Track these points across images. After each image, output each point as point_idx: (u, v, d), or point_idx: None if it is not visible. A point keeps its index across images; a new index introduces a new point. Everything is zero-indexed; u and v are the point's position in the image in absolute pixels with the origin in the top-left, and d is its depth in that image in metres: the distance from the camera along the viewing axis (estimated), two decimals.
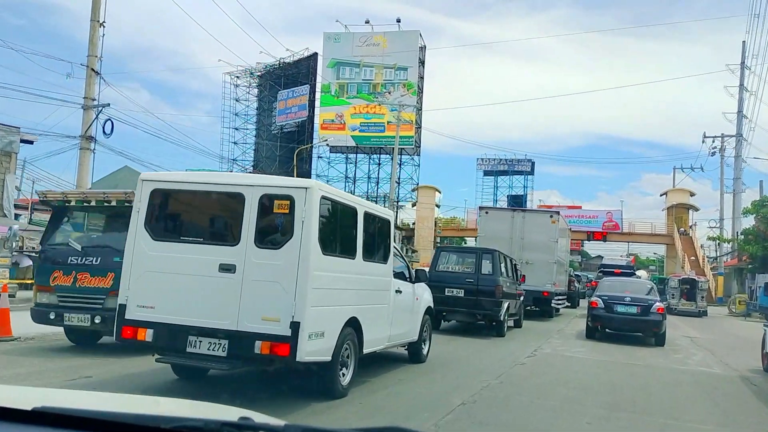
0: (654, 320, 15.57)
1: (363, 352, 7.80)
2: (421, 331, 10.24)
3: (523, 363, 10.58)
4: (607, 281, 19.18)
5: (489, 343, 13.73)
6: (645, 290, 17.15)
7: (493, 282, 15.34)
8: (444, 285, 15.36)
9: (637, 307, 15.61)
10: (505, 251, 19.17)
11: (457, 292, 15.41)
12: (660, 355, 13.41)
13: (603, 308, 15.95)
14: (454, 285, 15.48)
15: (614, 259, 51.00)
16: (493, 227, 22.07)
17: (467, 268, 16.33)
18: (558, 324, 21.07)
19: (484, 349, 12.41)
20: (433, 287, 15.29)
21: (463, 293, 15.35)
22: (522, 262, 20.99)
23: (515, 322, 18.10)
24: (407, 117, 51.81)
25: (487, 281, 15.33)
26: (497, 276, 15.52)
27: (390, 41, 58.12)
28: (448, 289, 15.45)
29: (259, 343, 6.31)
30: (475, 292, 15.26)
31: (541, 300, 21.80)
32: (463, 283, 15.47)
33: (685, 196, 60.96)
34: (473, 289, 15.31)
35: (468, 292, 15.29)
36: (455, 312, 15.68)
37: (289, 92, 60.09)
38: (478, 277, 15.49)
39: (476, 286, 15.36)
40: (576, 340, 15.61)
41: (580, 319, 22.73)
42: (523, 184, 73.79)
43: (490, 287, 15.24)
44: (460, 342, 13.67)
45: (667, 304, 26.48)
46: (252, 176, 7.85)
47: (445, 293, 15.30)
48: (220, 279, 6.57)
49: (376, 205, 8.61)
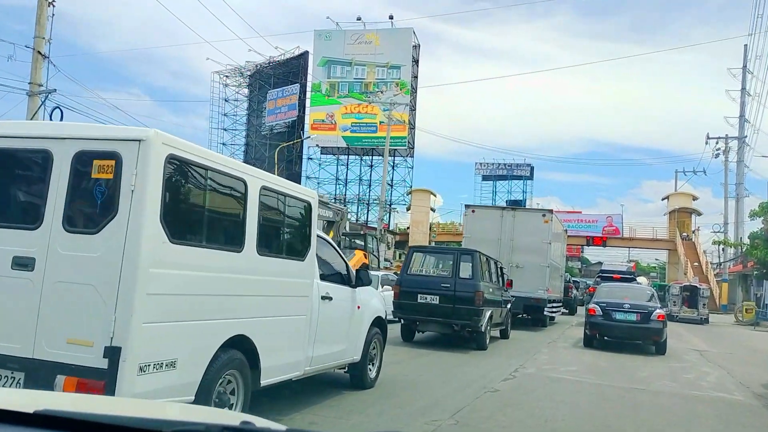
0: (654, 328, 14.58)
1: (261, 385, 5.55)
2: (366, 348, 7.98)
3: (496, 390, 8.24)
4: (605, 287, 18.03)
5: (464, 360, 11.45)
6: (645, 297, 16.13)
7: (472, 287, 13.15)
8: (416, 290, 13.35)
9: (637, 315, 14.72)
10: (493, 254, 17.64)
11: (432, 299, 13.25)
12: (667, 376, 11.11)
13: (601, 315, 14.99)
14: (428, 290, 13.33)
15: (614, 265, 49.00)
16: (480, 227, 20.07)
17: (443, 271, 14.19)
18: (551, 334, 18.84)
19: (454, 368, 10.10)
20: (404, 293, 13.49)
21: (439, 300, 13.19)
22: (512, 266, 19.19)
23: (501, 333, 16.12)
24: (400, 117, 49.57)
25: (465, 286, 13.16)
26: (477, 280, 13.30)
27: (382, 39, 55.98)
28: (421, 295, 13.34)
29: (61, 379, 4.06)
30: (451, 298, 13.10)
31: (533, 307, 19.70)
32: (439, 289, 13.29)
33: (687, 200, 58.56)
34: (450, 295, 13.14)
35: (444, 299, 13.14)
36: (429, 321, 13.49)
37: (279, 92, 57.97)
38: (455, 282, 13.28)
39: (453, 292, 13.17)
40: (568, 355, 13.32)
41: (576, 329, 20.53)
42: (522, 189, 72.87)
43: (469, 293, 13.07)
44: (430, 358, 11.37)
45: (669, 312, 25.45)
46: (64, 125, 5.12)
47: (418, 300, 13.26)
48: (13, 280, 4.34)
49: (288, 181, 6.26)
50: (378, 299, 8.70)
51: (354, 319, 7.74)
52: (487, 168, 73.31)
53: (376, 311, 8.40)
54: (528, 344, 15.34)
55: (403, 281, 13.72)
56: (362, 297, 8.00)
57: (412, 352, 12.02)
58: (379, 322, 8.46)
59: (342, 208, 24.04)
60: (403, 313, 13.54)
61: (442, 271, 14.16)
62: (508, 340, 16.05)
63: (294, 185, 6.35)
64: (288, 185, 6.17)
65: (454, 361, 11.10)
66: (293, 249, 6.30)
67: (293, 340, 6.22)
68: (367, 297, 8.19)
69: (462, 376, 9.29)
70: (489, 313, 13.61)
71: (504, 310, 15.77)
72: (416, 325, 13.79)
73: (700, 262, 52.73)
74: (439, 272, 14.18)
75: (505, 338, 16.15)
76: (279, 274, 5.89)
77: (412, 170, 58.48)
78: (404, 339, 13.81)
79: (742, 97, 46.89)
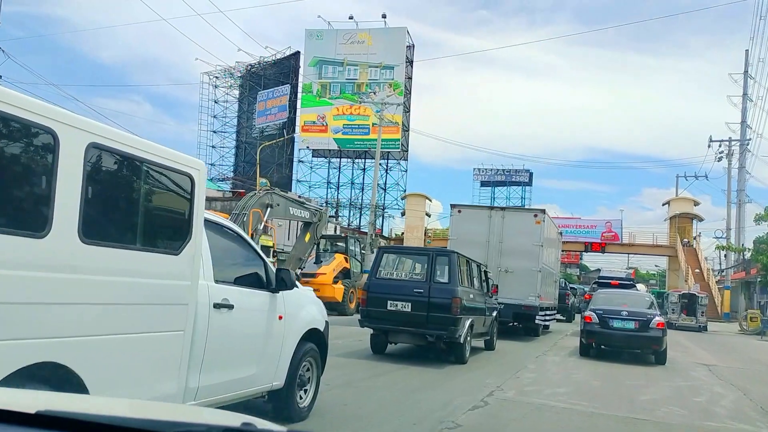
0: (654, 336, 13.82)
1: None
2: (293, 371, 6.18)
3: (456, 425, 6.35)
4: (602, 293, 16.93)
5: (433, 378, 9.62)
6: (644, 303, 15.27)
7: (449, 293, 11.40)
8: (386, 296, 11.60)
9: (635, 322, 13.96)
10: (480, 257, 16.59)
11: (403, 306, 11.49)
12: (674, 399, 9.27)
13: (598, 323, 14.21)
14: (399, 296, 11.55)
15: (614, 272, 47.35)
16: (466, 229, 18.44)
17: (417, 274, 12.39)
18: (542, 345, 17.12)
19: (416, 392, 8.26)
20: (372, 299, 11.66)
21: (411, 307, 11.43)
22: (500, 270, 17.73)
23: (486, 344, 14.47)
24: (393, 118, 47.91)
25: (441, 292, 11.43)
26: (455, 285, 11.54)
27: (375, 39, 54.36)
28: (391, 301, 11.57)
29: None
30: (425, 305, 11.36)
31: (523, 316, 18.02)
32: (411, 295, 11.52)
33: (688, 206, 56.93)
34: (423, 301, 11.39)
35: (416, 306, 11.40)
36: (400, 332, 11.70)
37: (269, 92, 56.30)
38: (429, 287, 11.53)
39: (427, 298, 11.41)
40: (557, 372, 11.46)
41: (570, 339, 18.74)
42: (521, 195, 72.19)
43: (445, 299, 11.31)
44: (391, 377, 9.53)
45: (668, 319, 24.23)
46: None
47: (387, 307, 11.52)
48: None
49: (157, 145, 4.41)
50: (315, 307, 6.88)
51: (273, 334, 5.95)
52: (485, 174, 72.25)
53: (310, 322, 6.59)
54: (514, 357, 13.57)
55: (371, 286, 11.97)
56: (289, 305, 6.20)
57: (373, 369, 10.22)
58: (316, 336, 6.68)
59: (320, 208, 22.30)
60: (370, 323, 11.79)
61: (415, 275, 12.37)
62: (494, 351, 14.33)
63: (165, 150, 4.53)
64: (151, 149, 4.36)
65: (419, 380, 9.26)
66: (159, 238, 4.50)
67: (158, 367, 4.42)
68: (295, 305, 6.38)
69: (421, 402, 7.43)
70: (469, 321, 11.87)
71: (488, 319, 14.04)
72: (385, 336, 12.01)
73: (701, 268, 51.49)
74: (411, 276, 12.38)
75: (490, 350, 14.44)
76: (129, 272, 4.08)
77: (406, 174, 56.91)
78: (374, 351, 12.08)
79: (744, 103, 46.23)
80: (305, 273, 21.19)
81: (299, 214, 19.80)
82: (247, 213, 16.72)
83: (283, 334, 6.10)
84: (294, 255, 20.71)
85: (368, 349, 12.20)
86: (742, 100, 46.00)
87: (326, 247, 24.98)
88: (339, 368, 9.80)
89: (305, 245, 20.46)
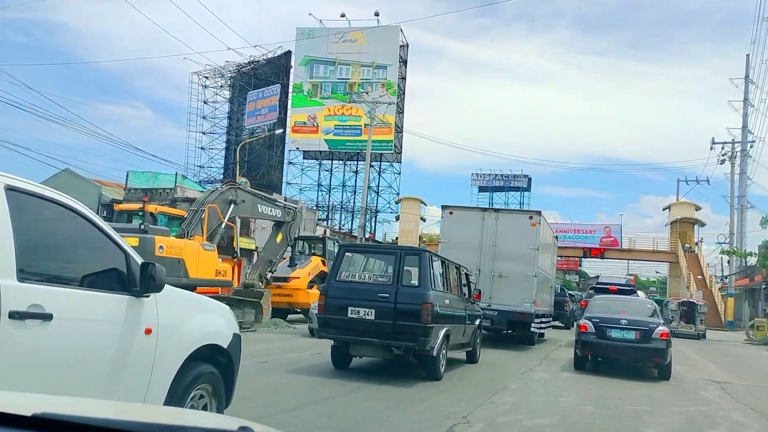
0: (656, 348, 12.28)
1: None
2: (177, 403, 4.47)
3: None
4: (599, 300, 15.15)
5: (393, 402, 7.87)
6: (646, 311, 13.64)
7: (418, 297, 9.73)
8: (346, 302, 9.92)
9: (636, 332, 12.47)
10: (473, 262, 16.17)
11: (366, 314, 9.81)
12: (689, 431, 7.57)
13: (594, 333, 12.70)
14: (361, 302, 9.87)
15: (613, 278, 45.84)
16: (458, 231, 17.41)
17: (382, 277, 10.68)
18: (535, 355, 15.53)
19: (359, 424, 6.56)
20: (331, 306, 9.94)
21: (375, 315, 9.76)
22: (494, 275, 16.77)
23: (468, 356, 12.84)
24: (385, 119, 46.30)
25: (409, 296, 9.76)
26: (426, 289, 9.85)
27: (368, 38, 52.85)
28: (353, 308, 9.87)
29: None
30: (391, 312, 9.68)
31: (518, 323, 16.93)
32: (375, 300, 9.82)
33: (690, 210, 55.21)
34: (389, 308, 9.71)
35: (381, 314, 9.73)
36: (362, 343, 10.04)
37: (259, 93, 54.69)
38: (396, 291, 9.82)
39: (393, 304, 9.72)
40: (543, 394, 9.60)
41: (565, 350, 17.10)
42: (520, 201, 71.18)
43: (415, 305, 9.64)
44: (331, 405, 7.72)
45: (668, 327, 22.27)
46: None
47: (348, 314, 9.84)
48: None
49: None
50: (213, 316, 5.15)
51: (135, 354, 4.22)
52: (483, 179, 71.28)
53: (203, 337, 4.84)
54: (497, 372, 11.89)
55: (329, 290, 10.26)
56: (165, 313, 4.48)
57: (325, 389, 8.53)
58: (212, 355, 4.96)
59: (294, 206, 20.63)
60: (329, 332, 10.14)
61: (380, 278, 10.65)
62: (476, 365, 12.66)
63: None
64: None
65: (367, 408, 7.45)
66: None
67: None
68: (178, 313, 4.66)
69: None
70: (444, 331, 10.18)
71: (469, 328, 12.38)
72: (346, 348, 10.35)
73: (703, 275, 49.90)
74: (377, 278, 10.66)
75: (473, 362, 12.78)
76: None
77: (400, 176, 55.23)
78: (336, 366, 10.49)
79: (745, 108, 45.37)
80: (277, 277, 19.65)
81: (269, 213, 18.40)
82: (204, 209, 15.16)
83: (154, 354, 4.36)
84: (264, 257, 19.19)
85: (327, 364, 10.59)
86: (743, 105, 45.12)
87: (302, 249, 23.29)
88: (278, 390, 8.15)
89: (276, 246, 19.06)
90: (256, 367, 9.82)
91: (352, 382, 9.25)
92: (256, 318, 16.63)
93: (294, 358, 11.71)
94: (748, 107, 44.83)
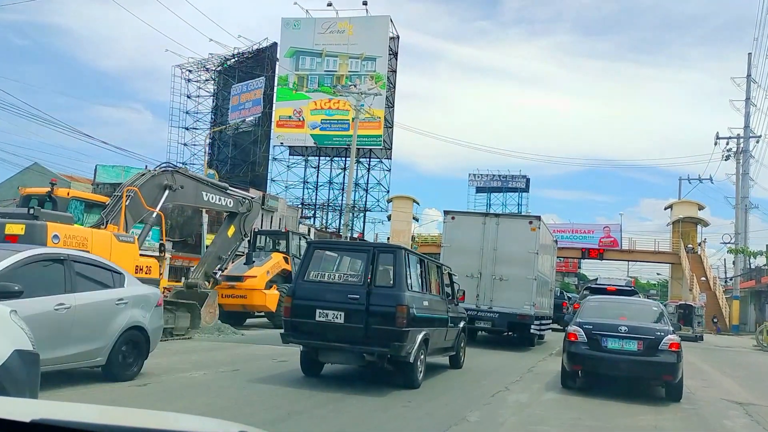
0: (665, 363, 10.09)
1: None
2: None
3: None
4: (593, 302, 12.87)
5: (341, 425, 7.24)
6: (650, 315, 11.56)
7: (393, 299, 9.15)
8: (314, 304, 9.37)
9: (639, 342, 10.23)
10: (474, 265, 17.61)
11: (335, 316, 9.25)
12: None
13: (586, 343, 10.47)
14: (330, 304, 9.32)
15: (613, 280, 45.28)
16: (460, 236, 18.45)
17: (353, 277, 10.08)
18: (531, 359, 15.14)
19: None
20: (298, 307, 9.37)
21: (344, 318, 9.20)
22: (495, 278, 17.77)
23: (452, 361, 12.38)
24: (374, 113, 45.73)
25: (383, 298, 9.21)
26: (401, 290, 9.26)
27: (357, 28, 52.32)
28: (321, 310, 9.32)
29: None
30: (363, 315, 9.13)
31: (518, 325, 17.77)
32: (345, 302, 9.27)
33: (692, 209, 54.69)
34: (360, 310, 9.16)
35: (352, 316, 9.18)
36: (331, 349, 9.48)
37: (243, 86, 54.04)
38: (368, 292, 9.25)
39: (365, 306, 9.15)
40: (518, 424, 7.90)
41: (556, 358, 16.21)
42: (518, 202, 71.55)
43: (388, 307, 9.08)
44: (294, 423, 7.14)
45: None
46: None
47: (316, 317, 9.30)
48: None
49: None
50: None
51: None
52: (480, 179, 71.18)
53: None
54: (488, 379, 11.31)
55: (297, 291, 9.68)
56: None
57: (288, 403, 7.87)
58: None
59: (250, 196, 19.11)
60: (296, 337, 9.56)
61: (351, 277, 10.06)
62: (459, 371, 12.13)
63: None
64: None
65: None
66: None
67: None
68: None
69: None
70: (422, 335, 9.61)
71: (453, 331, 11.90)
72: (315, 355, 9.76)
73: (707, 277, 49.40)
74: (347, 278, 10.07)
75: (457, 368, 12.31)
76: None
77: (390, 173, 54.62)
78: (306, 373, 9.93)
79: (747, 107, 45.68)
80: (230, 276, 18.32)
81: (218, 202, 16.82)
82: (121, 193, 13.61)
83: None
84: (211, 253, 17.68)
85: (295, 371, 9.98)
86: (745, 105, 45.39)
87: (264, 245, 21.60)
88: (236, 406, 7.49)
89: (228, 241, 17.55)
90: None
91: (320, 393, 8.61)
92: (192, 323, 14.79)
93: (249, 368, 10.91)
94: (750, 107, 45.10)
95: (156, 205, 14.28)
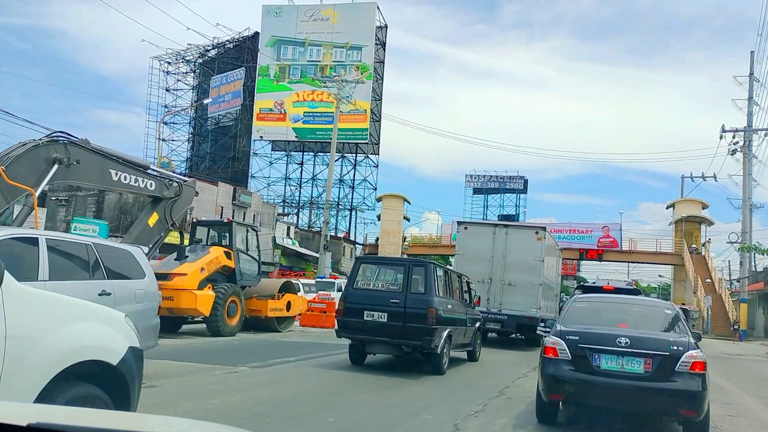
0: (685, 391, 7.65)
1: None
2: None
3: None
4: (580, 302, 10.07)
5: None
6: (660, 320, 9.11)
7: (425, 303, 13.03)
8: (362, 307, 13.33)
9: (646, 360, 7.79)
10: (485, 271, 21.26)
11: (379, 317, 13.21)
12: None
13: (569, 361, 8.07)
14: (376, 307, 13.30)
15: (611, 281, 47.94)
16: (472, 245, 22.30)
17: (393, 285, 14.05)
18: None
19: None
20: (349, 309, 13.41)
21: (387, 318, 13.13)
22: (504, 284, 21.41)
23: (469, 354, 16.27)
24: (360, 105, 48.73)
25: (417, 302, 13.09)
26: (431, 296, 13.11)
27: (342, 16, 55.20)
28: (368, 312, 13.31)
29: None
30: (401, 316, 13.04)
31: (525, 326, 21.64)
32: (387, 305, 13.26)
33: (696, 208, 57.10)
34: (399, 312, 13.07)
35: (393, 317, 13.10)
36: (376, 342, 13.44)
37: (223, 77, 56.78)
38: (405, 297, 13.16)
39: (403, 309, 13.05)
40: None
41: None
42: (516, 203, 75.83)
43: (421, 310, 12.96)
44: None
45: None
46: None
47: (364, 317, 13.31)
48: None
49: None
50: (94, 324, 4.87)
51: None
52: (478, 180, 75.22)
53: (74, 353, 4.41)
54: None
55: (348, 296, 13.71)
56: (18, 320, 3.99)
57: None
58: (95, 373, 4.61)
59: (181, 179, 18.00)
60: (347, 333, 13.52)
61: (392, 286, 14.04)
62: (476, 363, 15.86)
63: None
64: None
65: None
66: None
67: None
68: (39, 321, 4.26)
69: None
70: (446, 332, 13.38)
71: (470, 330, 15.72)
72: (362, 347, 13.80)
73: (712, 278, 51.64)
74: (388, 286, 14.10)
75: (473, 361, 16.06)
76: None
77: (377, 169, 57.54)
78: (353, 362, 13.74)
79: (749, 107, 47.59)
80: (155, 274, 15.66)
81: (134, 184, 15.18)
82: None
83: None
84: None
85: (345, 361, 13.72)
86: (747, 104, 47.49)
87: (200, 239, 20.22)
88: None
89: (149, 231, 15.93)
90: None
91: (364, 376, 11.77)
92: None
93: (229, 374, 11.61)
94: (753, 106, 47.12)
95: (40, 183, 12.65)
